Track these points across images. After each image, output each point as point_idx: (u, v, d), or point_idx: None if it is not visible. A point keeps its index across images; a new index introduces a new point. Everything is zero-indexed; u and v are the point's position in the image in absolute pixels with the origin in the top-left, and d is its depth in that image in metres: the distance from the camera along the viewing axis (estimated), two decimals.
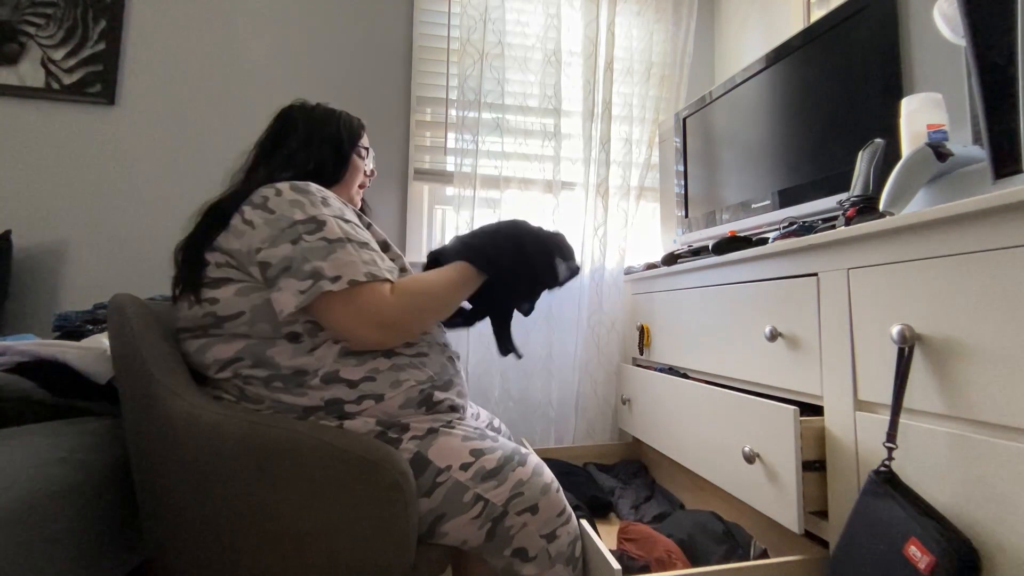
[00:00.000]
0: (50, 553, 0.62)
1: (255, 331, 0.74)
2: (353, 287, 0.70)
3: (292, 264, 0.70)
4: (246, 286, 0.74)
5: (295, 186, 0.76)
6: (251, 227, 0.74)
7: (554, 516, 0.78)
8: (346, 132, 0.95)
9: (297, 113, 0.94)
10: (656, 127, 1.80)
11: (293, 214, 0.73)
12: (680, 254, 1.29)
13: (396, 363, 0.78)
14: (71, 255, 1.54)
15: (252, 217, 0.74)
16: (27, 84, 1.55)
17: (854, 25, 1.04)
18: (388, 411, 0.76)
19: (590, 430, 1.66)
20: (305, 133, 0.91)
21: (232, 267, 0.75)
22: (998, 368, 0.59)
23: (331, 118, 0.95)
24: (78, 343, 0.94)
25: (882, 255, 0.74)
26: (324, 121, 0.94)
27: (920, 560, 0.59)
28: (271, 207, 0.74)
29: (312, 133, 0.92)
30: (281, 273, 0.70)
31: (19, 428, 0.77)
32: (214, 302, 0.74)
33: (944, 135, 0.79)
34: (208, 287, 0.74)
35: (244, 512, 0.67)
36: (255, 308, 0.73)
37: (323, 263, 0.70)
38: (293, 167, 0.87)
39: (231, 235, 0.75)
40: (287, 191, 0.75)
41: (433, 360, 0.83)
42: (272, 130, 0.93)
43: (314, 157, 0.90)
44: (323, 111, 0.96)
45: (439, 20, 1.80)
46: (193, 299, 0.75)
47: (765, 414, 0.88)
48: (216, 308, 0.74)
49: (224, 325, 0.74)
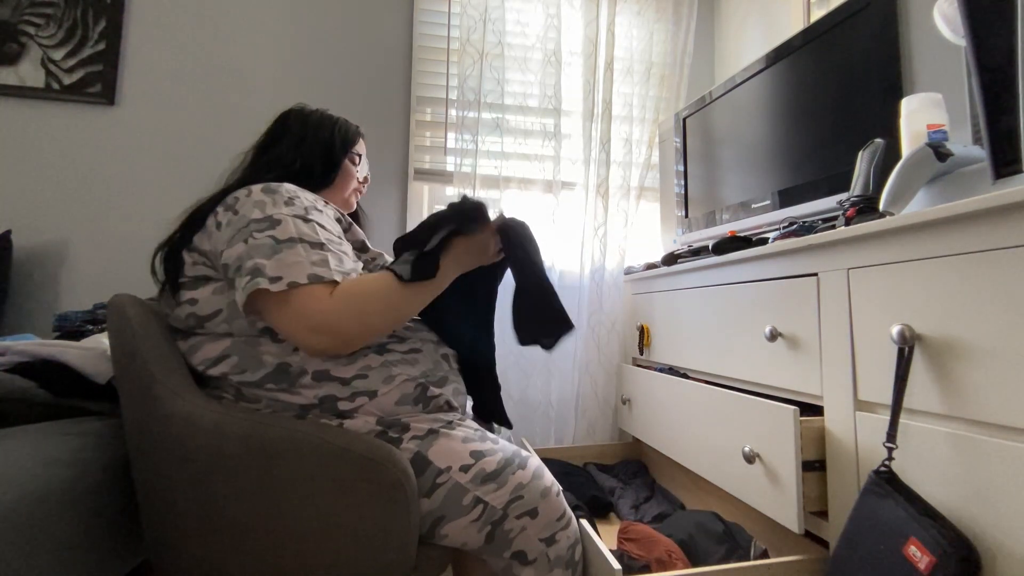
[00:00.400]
0: (50, 553, 0.62)
1: (235, 328, 0.74)
2: (291, 288, 0.66)
3: (241, 263, 0.69)
4: (222, 285, 0.75)
5: (266, 187, 0.76)
6: (218, 228, 0.74)
7: (554, 520, 0.78)
8: (340, 137, 0.96)
9: (293, 117, 0.95)
10: (656, 127, 1.80)
11: (252, 214, 0.72)
12: (680, 254, 1.29)
13: (387, 360, 0.78)
14: (71, 255, 1.54)
15: (222, 219, 0.75)
16: (27, 84, 1.55)
17: (854, 25, 1.04)
18: (385, 408, 0.76)
19: (590, 430, 1.66)
20: (298, 136, 0.92)
21: (207, 266, 0.75)
22: (998, 368, 0.59)
23: (326, 123, 0.96)
24: (78, 343, 0.94)
25: (882, 255, 0.74)
26: (319, 125, 0.95)
27: (920, 560, 0.59)
28: (237, 208, 0.74)
29: (304, 136, 0.93)
30: (235, 273, 0.70)
31: (19, 428, 0.77)
32: (193, 302, 0.74)
33: (944, 135, 0.79)
34: (187, 288, 0.75)
35: (245, 512, 0.67)
36: (231, 305, 0.74)
37: (266, 261, 0.67)
38: (279, 168, 0.88)
39: (204, 236, 0.76)
40: (256, 192, 0.75)
41: (426, 357, 0.83)
42: (267, 133, 0.94)
43: (302, 158, 0.90)
44: (319, 116, 0.97)
45: (439, 20, 1.80)
46: (173, 300, 0.76)
47: (765, 414, 0.88)
48: (196, 308, 0.74)
49: (206, 324, 0.75)
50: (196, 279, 0.75)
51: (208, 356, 0.74)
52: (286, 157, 0.89)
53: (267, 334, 0.74)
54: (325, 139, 0.94)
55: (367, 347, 0.77)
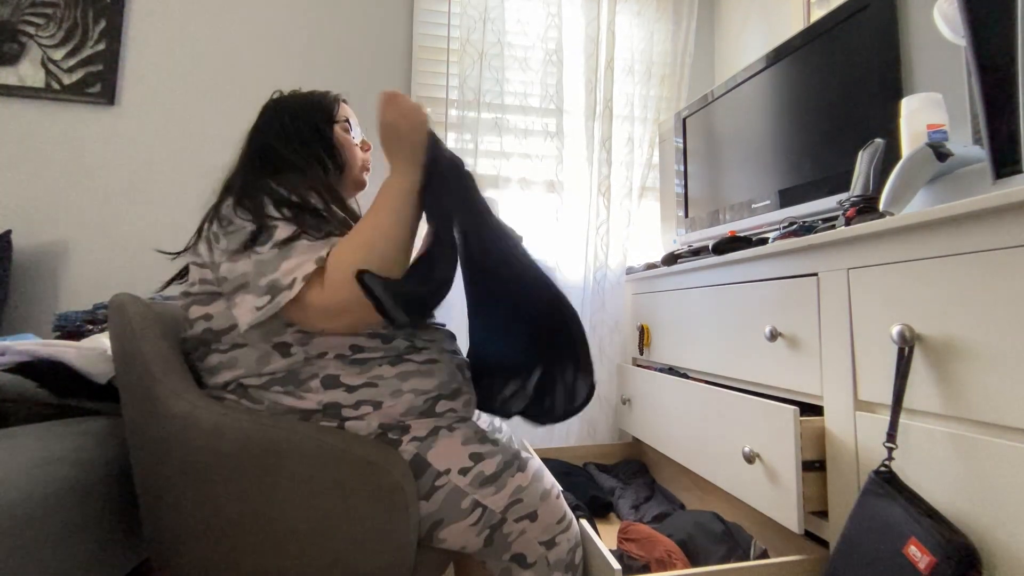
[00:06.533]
0: (50, 553, 0.62)
1: (250, 339, 0.72)
2: (307, 284, 0.65)
3: (248, 280, 0.67)
4: None
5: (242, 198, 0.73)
6: (215, 240, 0.72)
7: (553, 523, 0.77)
8: (320, 115, 0.89)
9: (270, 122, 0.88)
10: (657, 127, 1.80)
11: (245, 226, 0.70)
12: (680, 254, 1.29)
13: (403, 371, 0.75)
14: (71, 255, 1.54)
15: (216, 230, 0.72)
16: (27, 84, 1.55)
17: (854, 25, 1.04)
18: (390, 415, 0.74)
19: (591, 430, 1.66)
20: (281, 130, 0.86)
21: (211, 284, 0.74)
22: (998, 368, 0.59)
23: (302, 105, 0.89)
24: (78, 343, 0.93)
25: (882, 255, 0.74)
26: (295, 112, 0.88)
27: (920, 560, 0.59)
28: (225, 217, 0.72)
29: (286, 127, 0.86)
30: (238, 289, 0.68)
31: (19, 428, 0.77)
32: (209, 318, 0.73)
33: (944, 135, 0.79)
34: (200, 303, 0.74)
35: (244, 512, 0.67)
36: None
37: (276, 274, 0.66)
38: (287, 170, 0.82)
39: (203, 245, 0.74)
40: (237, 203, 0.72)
41: (442, 368, 0.79)
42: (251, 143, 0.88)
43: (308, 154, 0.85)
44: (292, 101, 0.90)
45: (439, 20, 1.79)
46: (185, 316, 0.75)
47: (765, 414, 0.88)
48: (212, 323, 0.73)
49: (223, 338, 0.73)
50: (208, 295, 0.74)
51: (225, 367, 0.73)
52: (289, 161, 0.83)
53: (278, 351, 0.72)
54: (307, 123, 0.87)
55: (382, 356, 0.75)
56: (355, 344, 0.74)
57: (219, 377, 0.73)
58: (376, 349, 0.75)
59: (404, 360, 0.76)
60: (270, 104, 0.91)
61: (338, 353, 0.73)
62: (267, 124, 0.88)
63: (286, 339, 0.72)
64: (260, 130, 0.88)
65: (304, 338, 0.72)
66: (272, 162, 0.83)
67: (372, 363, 0.74)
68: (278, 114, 0.88)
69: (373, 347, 0.75)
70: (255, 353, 0.72)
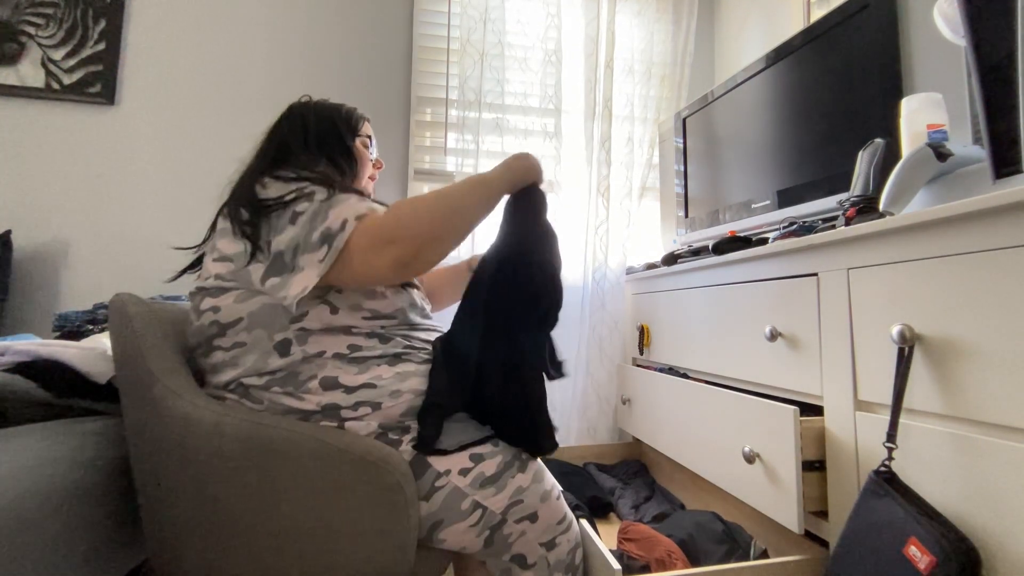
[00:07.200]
0: (50, 553, 0.62)
1: (253, 337, 0.73)
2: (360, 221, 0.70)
3: (299, 240, 0.70)
4: (242, 293, 0.73)
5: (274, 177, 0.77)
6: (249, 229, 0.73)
7: (553, 524, 0.77)
8: (344, 124, 0.94)
9: (295, 112, 0.92)
10: (657, 127, 1.80)
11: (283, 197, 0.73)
12: (680, 254, 1.29)
13: (402, 371, 0.76)
14: (71, 255, 1.54)
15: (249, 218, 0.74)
16: (27, 84, 1.55)
17: (854, 25, 1.04)
18: (389, 416, 0.75)
19: (591, 430, 1.66)
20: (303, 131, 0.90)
21: (224, 280, 0.74)
22: (998, 368, 0.59)
23: (330, 112, 0.94)
24: (78, 343, 0.93)
25: (882, 255, 0.74)
26: (321, 116, 0.93)
27: (920, 560, 0.59)
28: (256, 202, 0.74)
29: (309, 129, 0.90)
30: (296, 255, 0.70)
31: (19, 428, 0.77)
32: (216, 310, 0.73)
33: (944, 135, 0.79)
34: (210, 295, 0.74)
35: (244, 512, 0.67)
36: (252, 315, 0.73)
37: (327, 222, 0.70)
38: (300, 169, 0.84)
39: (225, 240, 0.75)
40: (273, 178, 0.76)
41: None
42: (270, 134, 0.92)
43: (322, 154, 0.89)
44: (321, 106, 0.94)
45: (439, 20, 1.79)
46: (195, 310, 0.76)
47: (765, 414, 0.88)
48: (219, 316, 0.73)
49: (227, 332, 0.73)
50: (219, 289, 0.74)
51: (227, 366, 0.73)
52: (299, 160, 0.87)
53: (278, 350, 0.73)
54: (330, 129, 0.92)
55: (380, 356, 0.76)
56: (353, 344, 0.75)
57: (221, 376, 0.74)
58: (374, 348, 0.76)
59: (403, 360, 0.77)
60: (298, 104, 0.94)
61: (336, 352, 0.74)
62: (290, 121, 0.91)
63: (287, 336, 0.72)
64: (282, 126, 0.91)
65: (303, 336, 0.73)
66: (286, 158, 0.86)
67: (370, 362, 0.75)
68: (304, 114, 0.92)
69: (371, 347, 0.76)
70: (256, 351, 0.72)
